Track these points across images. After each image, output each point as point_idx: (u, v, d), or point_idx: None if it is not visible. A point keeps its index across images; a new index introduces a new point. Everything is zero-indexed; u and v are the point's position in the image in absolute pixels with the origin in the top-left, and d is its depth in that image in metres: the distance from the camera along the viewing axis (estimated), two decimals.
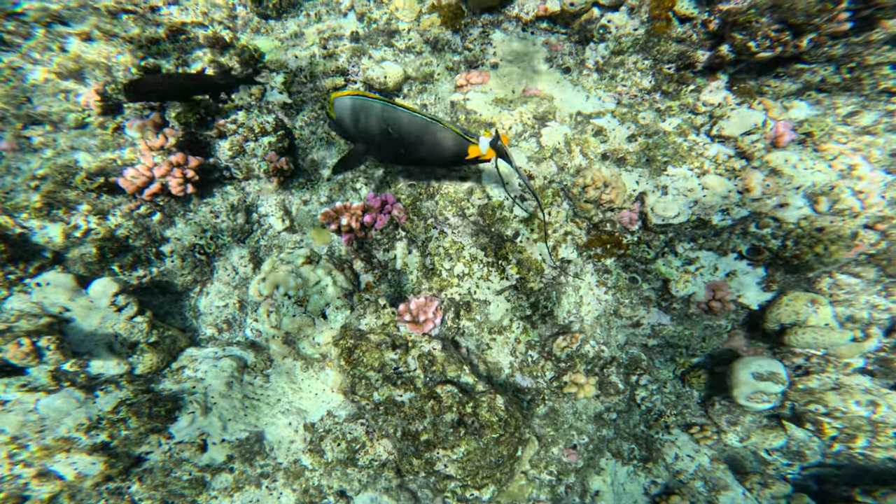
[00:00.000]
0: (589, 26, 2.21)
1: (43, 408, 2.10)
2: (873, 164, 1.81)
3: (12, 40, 2.21)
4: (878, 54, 1.79)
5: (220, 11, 2.51)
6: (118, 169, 2.09)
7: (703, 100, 2.02)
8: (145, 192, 2.08)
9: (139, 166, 2.05)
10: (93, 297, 2.08)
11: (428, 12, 2.47)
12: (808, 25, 1.68)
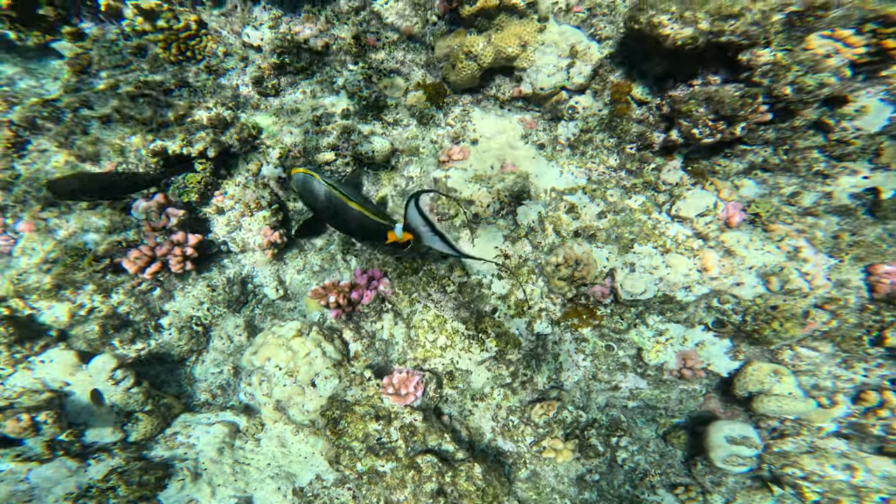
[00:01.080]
0: (559, 106, 2.49)
1: (34, 477, 2.25)
2: (817, 247, 2.03)
3: (44, 125, 2.49)
4: (805, 138, 2.04)
5: (225, 92, 2.82)
6: (123, 250, 2.32)
7: (664, 178, 2.26)
8: (147, 270, 2.31)
9: (143, 247, 2.28)
10: (92, 372, 2.27)
11: (414, 89, 2.77)
12: (737, 116, 1.94)
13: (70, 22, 3.05)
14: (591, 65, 2.37)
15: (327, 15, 2.75)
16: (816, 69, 1.82)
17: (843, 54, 1.81)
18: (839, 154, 2.03)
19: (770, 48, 1.90)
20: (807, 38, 1.87)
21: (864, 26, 1.82)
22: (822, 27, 1.85)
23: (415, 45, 2.74)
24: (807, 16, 1.85)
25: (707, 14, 1.93)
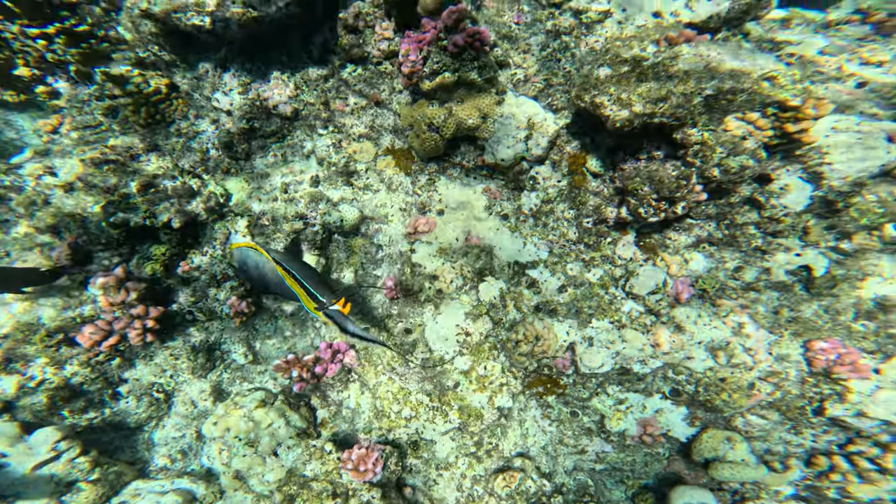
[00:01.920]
0: (521, 176, 2.65)
1: None
2: (759, 322, 2.20)
3: (6, 194, 2.50)
4: (742, 214, 2.23)
5: (194, 155, 2.89)
6: (78, 326, 2.32)
7: (619, 253, 2.42)
8: (104, 344, 2.31)
9: (99, 322, 2.29)
10: (33, 444, 2.24)
11: (384, 154, 2.90)
12: (676, 196, 2.11)
13: (45, 81, 3.11)
14: (548, 137, 2.54)
15: (297, 81, 2.88)
16: (736, 151, 2.02)
17: (756, 137, 2.02)
18: (773, 231, 2.22)
19: (697, 128, 2.10)
20: (725, 120, 2.08)
21: (767, 110, 2.03)
22: (734, 109, 2.06)
23: (383, 111, 2.89)
24: (720, 99, 2.06)
25: (640, 97, 2.12)
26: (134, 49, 2.83)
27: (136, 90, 2.77)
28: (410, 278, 2.49)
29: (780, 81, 1.99)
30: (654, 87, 2.13)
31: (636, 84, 2.15)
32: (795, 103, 1.95)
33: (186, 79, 2.91)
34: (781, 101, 1.98)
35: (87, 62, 2.74)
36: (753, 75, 2.05)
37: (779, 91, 1.98)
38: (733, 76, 2.08)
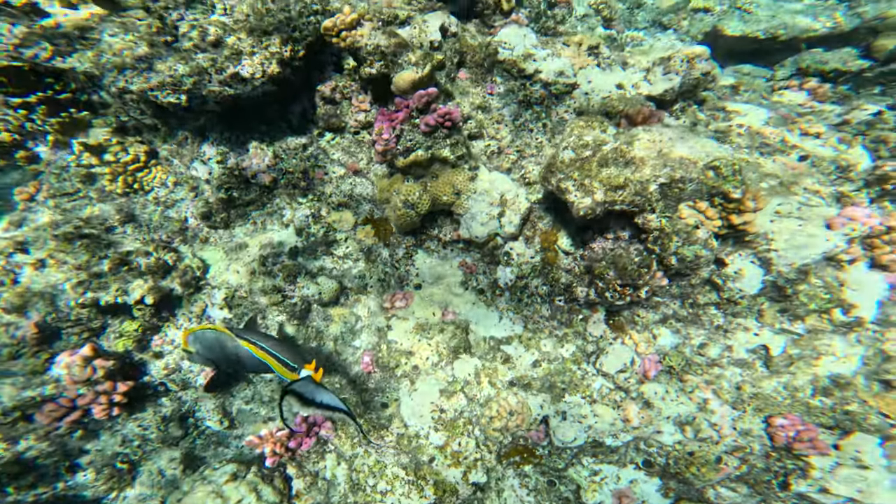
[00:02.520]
0: (496, 251, 2.74)
1: None
2: (723, 399, 2.29)
3: None
4: (703, 294, 2.35)
5: (171, 225, 2.91)
6: (38, 404, 2.29)
7: (590, 330, 2.51)
8: (64, 420, 2.28)
9: (62, 399, 2.27)
10: None
11: (363, 223, 2.96)
12: (639, 281, 2.21)
13: (25, 146, 3.11)
14: (520, 214, 2.65)
15: (276, 150, 2.95)
16: (690, 241, 2.14)
17: (707, 226, 2.14)
18: (732, 311, 2.34)
19: (656, 214, 2.23)
20: (679, 207, 2.21)
21: (714, 200, 2.17)
22: (686, 197, 2.19)
23: (361, 179, 2.97)
24: (672, 187, 2.19)
25: (601, 184, 2.25)
26: (116, 114, 2.87)
27: (113, 159, 2.81)
28: (387, 355, 2.53)
29: (722, 172, 2.13)
30: (613, 173, 2.26)
31: (598, 169, 2.28)
32: (736, 196, 2.09)
33: (167, 144, 2.96)
34: (726, 192, 2.11)
35: (65, 132, 2.77)
36: (699, 164, 2.19)
37: (722, 182, 2.12)
38: (682, 164, 2.22)
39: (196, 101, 2.58)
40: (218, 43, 2.50)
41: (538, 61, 2.95)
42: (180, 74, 2.45)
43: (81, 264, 2.55)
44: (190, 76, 2.46)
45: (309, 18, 2.59)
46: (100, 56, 2.52)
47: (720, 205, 2.17)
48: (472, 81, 2.96)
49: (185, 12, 2.58)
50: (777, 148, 2.82)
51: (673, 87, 2.87)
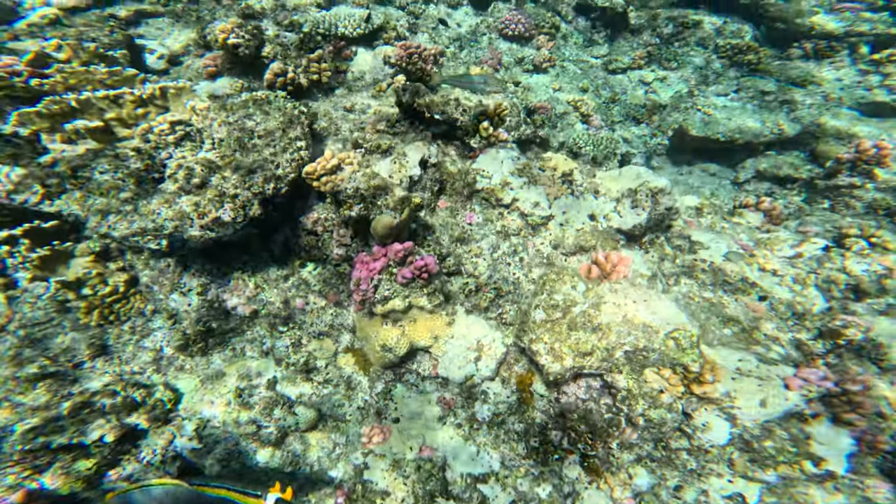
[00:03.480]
0: (474, 389, 2.79)
1: None
2: None
3: None
4: (675, 439, 2.43)
5: (145, 355, 2.89)
6: None
7: (566, 472, 2.54)
8: None
9: None
10: None
11: (343, 352, 2.99)
12: (609, 438, 2.29)
13: (4, 273, 3.08)
14: (496, 359, 2.73)
15: (257, 281, 3.00)
16: (656, 404, 2.24)
17: (670, 391, 2.26)
18: (704, 458, 2.42)
19: (623, 375, 2.33)
20: (644, 372, 2.32)
21: (676, 368, 2.29)
22: (650, 364, 2.31)
23: (342, 310, 3.03)
24: (637, 354, 2.31)
25: (570, 349, 2.36)
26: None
27: (91, 293, 2.81)
28: (361, 496, 2.51)
29: (681, 343, 2.28)
30: (582, 338, 2.38)
31: (567, 332, 2.40)
32: (695, 370, 2.22)
33: (149, 270, 2.97)
34: (685, 365, 2.24)
35: (45, 267, 2.77)
36: (661, 334, 2.33)
37: (682, 354, 2.26)
38: (646, 332, 2.36)
39: (177, 245, 2.63)
40: (203, 184, 2.59)
41: (515, 190, 3.12)
42: (163, 219, 2.51)
43: (39, 406, 2.49)
44: (172, 220, 2.52)
45: (293, 155, 2.71)
46: (87, 197, 2.57)
47: (682, 374, 2.29)
48: (451, 211, 3.10)
49: (174, 150, 2.67)
50: (738, 287, 3.01)
51: (640, 222, 3.06)
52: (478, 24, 5.29)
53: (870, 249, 3.30)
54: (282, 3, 4.13)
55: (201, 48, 3.81)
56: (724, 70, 5.50)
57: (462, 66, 4.88)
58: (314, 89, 3.52)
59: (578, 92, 5.11)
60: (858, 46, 5.63)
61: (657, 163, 5.05)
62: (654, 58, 5.57)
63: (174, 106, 2.82)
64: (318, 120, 3.31)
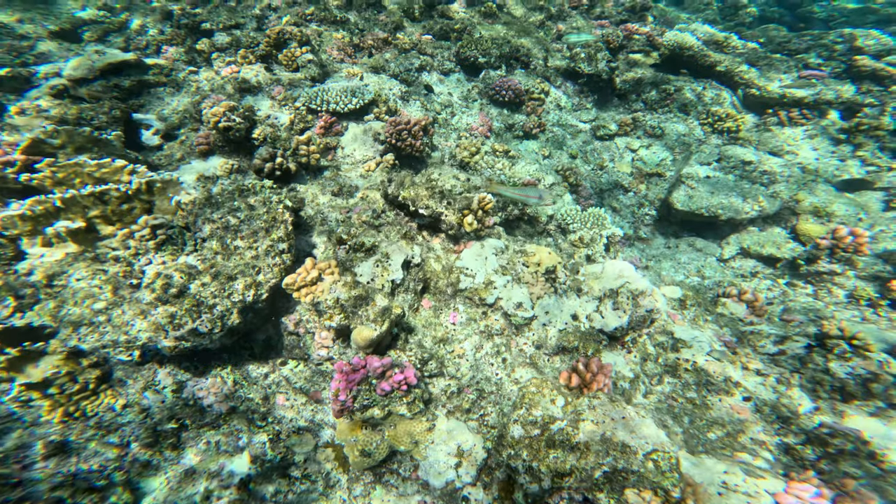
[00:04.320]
0: (455, 494, 2.73)
1: None
2: None
3: None
4: None
5: (109, 452, 2.79)
6: None
7: None
8: None
9: None
10: None
11: (324, 447, 2.93)
12: None
13: None
14: (477, 465, 2.69)
15: (236, 378, 2.95)
16: None
17: None
18: None
19: (604, 494, 2.31)
20: (626, 492, 2.30)
21: (657, 491, 2.28)
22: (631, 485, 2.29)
23: (323, 407, 2.98)
24: (616, 475, 2.30)
25: (548, 469, 2.34)
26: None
27: (58, 392, 2.73)
28: None
29: (661, 466, 2.26)
30: (560, 457, 2.36)
31: (546, 450, 2.38)
32: (676, 496, 2.20)
33: (122, 365, 2.90)
34: (666, 490, 2.22)
35: (11, 369, 2.69)
36: (639, 454, 2.32)
37: (661, 478, 2.24)
38: (625, 452, 2.35)
39: (150, 353, 2.58)
40: (181, 293, 2.56)
41: (498, 289, 3.14)
42: (136, 331, 2.47)
43: None
44: (146, 331, 2.48)
45: (275, 259, 2.71)
46: (60, 307, 2.53)
47: (664, 497, 2.26)
48: (434, 310, 3.10)
49: (154, 255, 2.65)
50: (721, 388, 3.03)
51: (622, 325, 3.09)
52: (469, 91, 5.42)
53: (852, 352, 3.36)
54: (277, 78, 4.20)
55: (196, 122, 3.84)
56: (706, 137, 5.69)
57: (453, 132, 4.98)
58: (303, 171, 3.55)
59: (568, 158, 5.23)
60: (828, 112, 5.87)
61: (645, 233, 5.14)
62: (640, 124, 5.75)
63: (160, 200, 2.81)
64: (304, 207, 3.33)
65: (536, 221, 4.39)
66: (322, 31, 5.49)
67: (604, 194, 5.27)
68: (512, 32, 6.51)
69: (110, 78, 4.03)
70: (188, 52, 4.74)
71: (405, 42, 5.61)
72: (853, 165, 5.12)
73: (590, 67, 5.95)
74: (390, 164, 3.75)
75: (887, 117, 5.59)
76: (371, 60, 5.25)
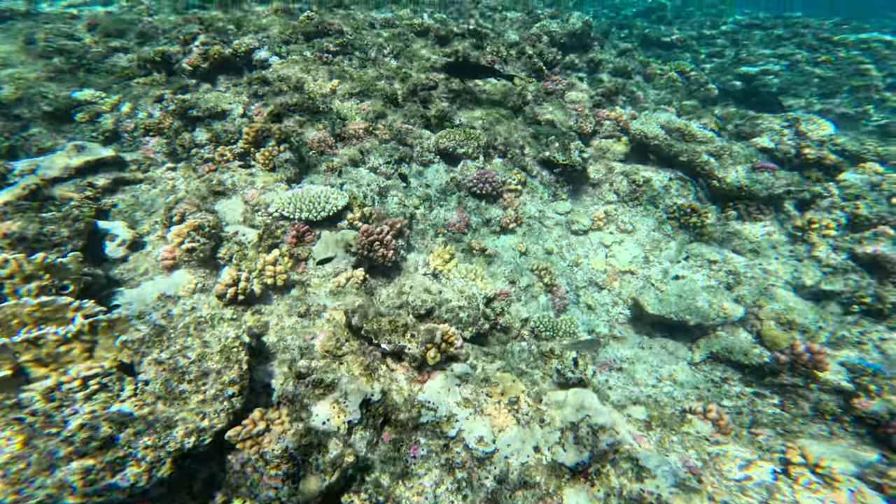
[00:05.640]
0: None
1: None
2: None
3: None
4: None
5: None
6: None
7: None
8: None
9: None
10: None
11: None
12: None
13: None
14: None
15: None
16: None
17: None
18: None
19: None
20: None
21: None
22: None
23: None
24: None
25: None
26: None
27: None
28: None
29: None
30: None
31: None
32: None
33: None
34: None
35: None
36: None
37: None
38: None
39: None
40: (105, 445, 2.47)
41: (461, 421, 3.14)
42: (35, 488, 2.35)
43: None
44: (48, 489, 2.36)
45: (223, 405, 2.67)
46: None
47: None
48: (394, 443, 3.07)
49: (81, 406, 2.58)
50: None
51: (583, 460, 3.10)
52: (448, 182, 5.68)
53: (818, 482, 3.38)
54: (252, 181, 4.36)
55: (166, 228, 3.91)
56: (674, 232, 5.99)
57: (431, 228, 5.15)
58: (270, 291, 3.60)
59: (544, 254, 5.42)
60: (783, 205, 6.25)
61: (620, 331, 5.25)
62: (612, 218, 6.04)
63: (104, 339, 2.80)
64: (267, 331, 3.34)
65: (510, 328, 4.47)
66: (304, 121, 5.77)
67: (580, 291, 5.42)
68: (492, 117, 6.93)
69: (86, 175, 4.13)
70: (169, 144, 4.90)
71: (385, 132, 5.92)
72: (810, 266, 5.42)
73: (564, 157, 6.32)
74: (360, 279, 3.83)
75: (837, 211, 6.00)
76: (351, 152, 5.50)
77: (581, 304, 5.30)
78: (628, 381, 4.78)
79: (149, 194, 4.22)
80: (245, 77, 6.84)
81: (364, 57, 8.01)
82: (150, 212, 3.99)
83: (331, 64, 7.41)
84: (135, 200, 4.13)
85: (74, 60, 7.05)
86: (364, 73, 7.29)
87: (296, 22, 8.23)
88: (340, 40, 7.86)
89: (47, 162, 4.12)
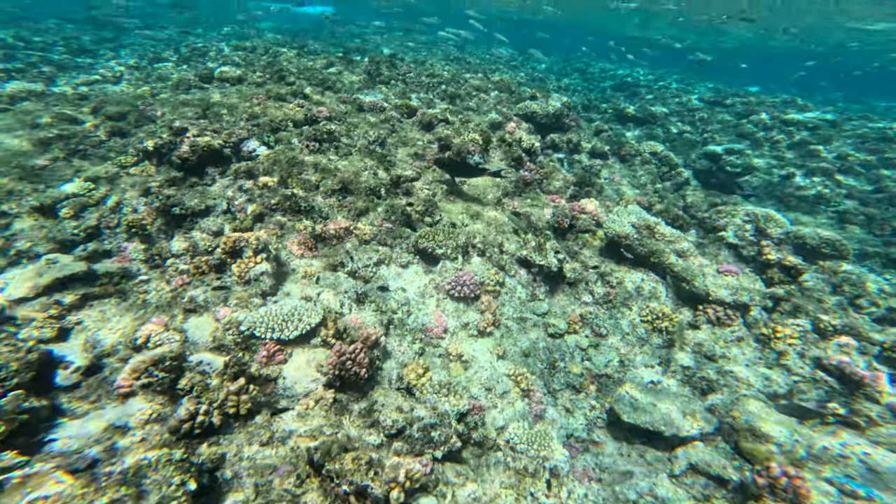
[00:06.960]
0: None
1: None
2: None
3: None
4: None
5: None
6: None
7: None
8: None
9: None
10: None
11: None
12: None
13: None
14: None
15: None
16: None
17: None
18: None
19: None
20: None
21: None
22: None
23: None
24: None
25: None
26: None
27: None
28: None
29: None
30: None
31: None
32: None
33: None
34: None
35: None
36: None
37: None
38: None
39: None
40: None
41: None
42: None
43: None
44: None
45: None
46: None
47: None
48: None
49: None
50: None
51: None
52: (426, 285, 5.87)
53: None
54: (225, 296, 4.44)
55: (129, 350, 3.88)
56: (648, 336, 6.22)
57: (409, 334, 5.23)
58: (231, 420, 3.54)
59: (521, 357, 5.51)
60: (750, 309, 6.60)
61: (598, 436, 5.22)
62: (587, 321, 6.27)
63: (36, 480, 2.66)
64: (223, 466, 3.24)
65: (486, 438, 4.41)
66: (286, 222, 6.02)
67: (557, 394, 5.45)
68: (472, 211, 7.35)
69: (53, 293, 4.14)
70: (147, 251, 5.01)
71: (366, 232, 6.20)
72: (779, 377, 5.63)
73: (540, 258, 6.66)
74: (329, 402, 3.81)
75: (799, 318, 6.37)
76: (330, 255, 5.70)
77: (559, 407, 5.31)
78: (609, 497, 4.65)
79: (117, 309, 4.23)
80: (233, 167, 7.19)
81: (350, 143, 8.59)
82: (114, 330, 3.97)
83: (317, 152, 7.90)
84: (101, 316, 4.12)
85: (72, 146, 7.38)
86: (350, 162, 7.75)
87: (286, 109, 8.89)
88: (328, 127, 8.46)
89: (15, 280, 4.13)
